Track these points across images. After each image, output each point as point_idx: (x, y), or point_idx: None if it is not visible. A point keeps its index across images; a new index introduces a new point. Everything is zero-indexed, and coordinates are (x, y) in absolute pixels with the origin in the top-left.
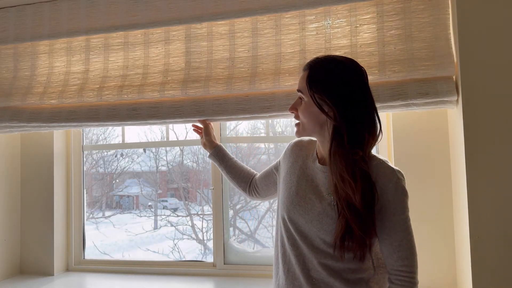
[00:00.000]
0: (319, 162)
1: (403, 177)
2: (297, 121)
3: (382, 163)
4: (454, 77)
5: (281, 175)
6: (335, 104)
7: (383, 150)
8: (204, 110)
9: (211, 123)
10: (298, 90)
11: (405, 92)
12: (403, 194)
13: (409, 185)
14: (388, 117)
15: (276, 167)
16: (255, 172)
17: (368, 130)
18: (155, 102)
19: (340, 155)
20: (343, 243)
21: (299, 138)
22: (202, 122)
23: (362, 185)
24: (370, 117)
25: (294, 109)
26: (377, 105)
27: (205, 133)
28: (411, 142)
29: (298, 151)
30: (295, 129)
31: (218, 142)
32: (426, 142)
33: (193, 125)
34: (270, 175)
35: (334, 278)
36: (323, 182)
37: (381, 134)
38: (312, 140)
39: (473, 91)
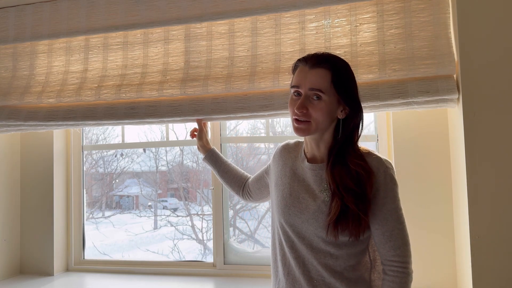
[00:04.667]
0: (308, 161)
1: (392, 166)
2: (302, 120)
3: (370, 154)
4: (454, 76)
5: (272, 179)
6: (350, 104)
7: (383, 149)
8: (202, 109)
9: (206, 127)
10: (314, 89)
11: (406, 91)
12: (392, 183)
13: (409, 184)
14: (388, 116)
15: (267, 171)
16: (249, 176)
17: (359, 127)
18: (153, 101)
19: (343, 148)
20: (337, 224)
21: (286, 142)
22: (198, 123)
23: (357, 172)
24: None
25: (305, 108)
26: (378, 103)
27: (198, 137)
28: (411, 141)
29: (286, 154)
30: (296, 126)
31: (211, 146)
32: (426, 141)
33: (191, 132)
34: (262, 179)
35: (335, 279)
36: (314, 180)
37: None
38: (299, 141)
39: (474, 90)
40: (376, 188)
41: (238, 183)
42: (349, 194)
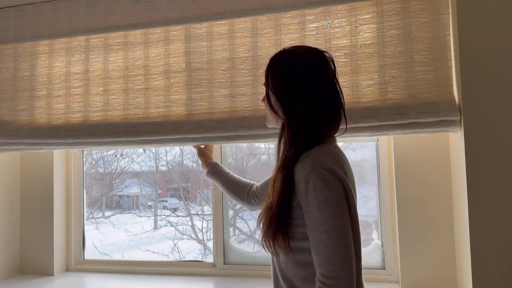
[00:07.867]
0: None
1: (321, 171)
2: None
3: (307, 157)
4: (453, 85)
5: None
6: (280, 99)
7: (383, 150)
8: (203, 127)
9: (212, 147)
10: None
11: (406, 112)
12: (318, 189)
13: (410, 184)
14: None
15: None
16: (253, 182)
17: (311, 131)
18: (155, 123)
19: (280, 150)
20: (267, 235)
21: None
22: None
23: (282, 185)
24: (317, 115)
25: (263, 99)
26: (377, 123)
27: (199, 154)
28: (411, 142)
29: None
30: None
31: (214, 160)
32: (427, 141)
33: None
34: None
35: (288, 287)
36: None
37: (336, 130)
38: None
39: (473, 92)
40: (301, 194)
41: (242, 189)
42: (266, 206)
